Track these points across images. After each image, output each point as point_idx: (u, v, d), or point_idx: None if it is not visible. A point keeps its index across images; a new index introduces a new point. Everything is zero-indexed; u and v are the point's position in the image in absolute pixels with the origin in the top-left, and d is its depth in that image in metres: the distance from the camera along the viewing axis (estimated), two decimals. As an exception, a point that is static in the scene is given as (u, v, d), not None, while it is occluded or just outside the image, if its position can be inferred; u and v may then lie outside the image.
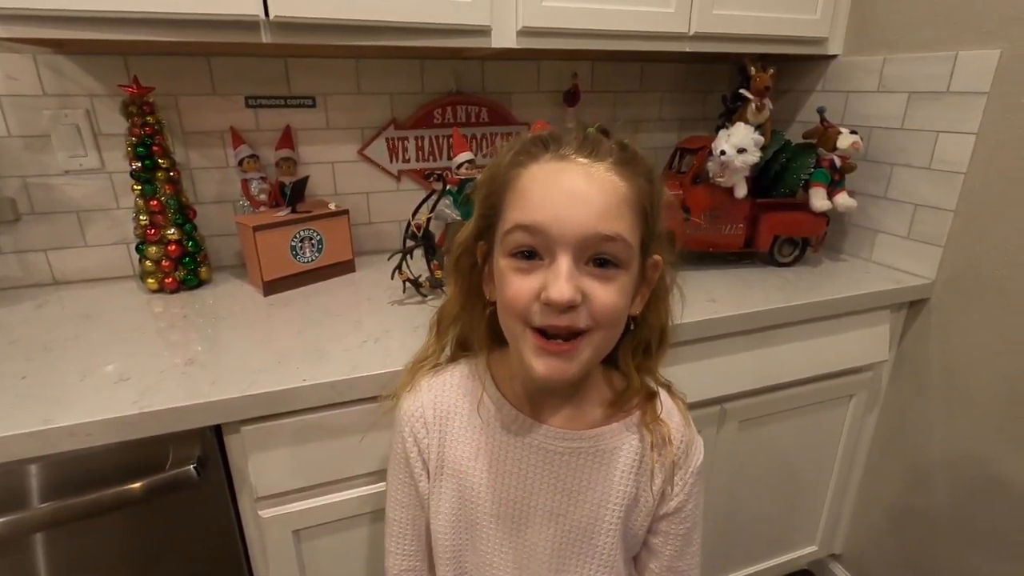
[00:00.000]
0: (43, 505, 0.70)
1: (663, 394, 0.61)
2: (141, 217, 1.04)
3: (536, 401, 0.56)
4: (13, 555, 0.72)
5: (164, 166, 1.03)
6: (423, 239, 1.01)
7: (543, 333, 0.47)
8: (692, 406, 1.03)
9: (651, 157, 0.52)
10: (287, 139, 1.19)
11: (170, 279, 1.06)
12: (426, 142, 1.31)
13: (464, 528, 0.59)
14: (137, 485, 0.71)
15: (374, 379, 0.76)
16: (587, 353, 0.49)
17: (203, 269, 1.11)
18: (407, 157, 1.31)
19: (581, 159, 0.47)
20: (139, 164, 1.01)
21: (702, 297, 1.05)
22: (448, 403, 0.59)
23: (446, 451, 0.58)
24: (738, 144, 1.07)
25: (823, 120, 1.18)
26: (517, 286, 0.47)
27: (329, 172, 1.27)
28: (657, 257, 0.52)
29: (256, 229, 1.03)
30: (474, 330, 0.59)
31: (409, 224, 1.03)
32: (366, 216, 1.32)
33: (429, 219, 1.00)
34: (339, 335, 0.89)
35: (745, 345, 1.04)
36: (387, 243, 1.33)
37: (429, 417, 0.59)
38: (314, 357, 0.81)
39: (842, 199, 1.15)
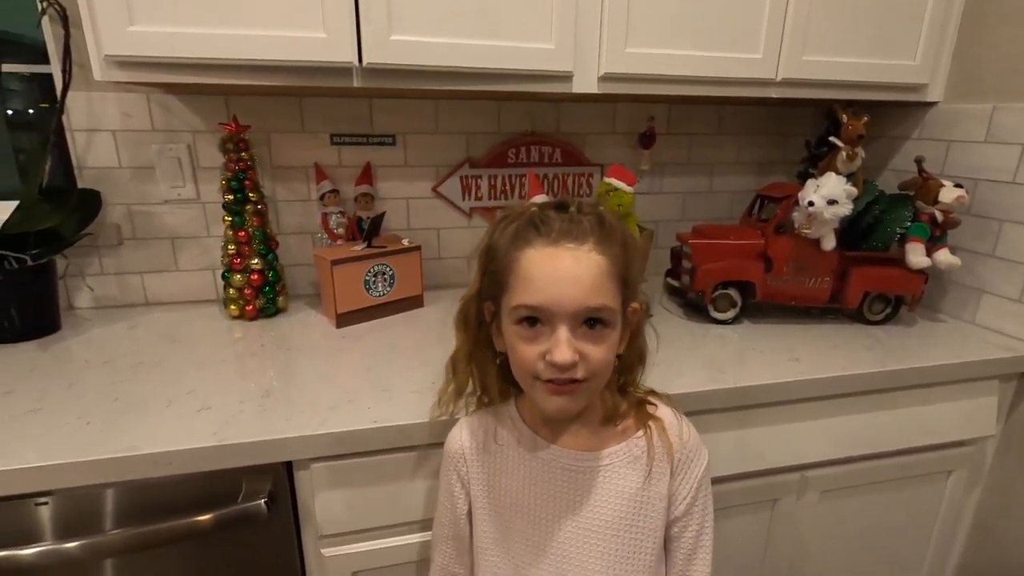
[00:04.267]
0: (116, 531, 0.71)
1: (655, 402, 0.69)
2: (229, 247, 1.09)
3: (553, 428, 0.67)
4: (81, 578, 0.74)
5: (253, 199, 1.08)
6: (494, 280, 1.01)
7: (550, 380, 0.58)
8: (770, 472, 0.98)
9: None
10: (367, 175, 1.23)
11: (251, 307, 1.10)
12: (499, 181, 1.32)
13: (503, 533, 0.68)
14: (208, 517, 0.72)
15: (444, 424, 0.75)
16: (587, 394, 0.60)
17: (281, 298, 1.15)
18: (479, 195, 1.32)
19: (568, 244, 0.57)
20: (231, 197, 1.07)
21: (784, 355, 0.99)
22: (481, 437, 0.70)
23: (483, 475, 0.69)
24: (828, 195, 1.01)
25: (922, 171, 1.10)
26: (526, 352, 0.58)
27: (404, 208, 1.30)
28: (635, 305, 0.63)
29: (334, 263, 1.06)
30: (487, 376, 0.69)
31: (481, 264, 1.02)
32: (436, 252, 1.34)
33: (502, 261, 1.00)
34: (407, 373, 0.89)
35: (830, 410, 0.96)
36: (455, 279, 1.34)
37: (467, 450, 0.69)
38: (384, 396, 0.81)
39: (943, 256, 1.07)
